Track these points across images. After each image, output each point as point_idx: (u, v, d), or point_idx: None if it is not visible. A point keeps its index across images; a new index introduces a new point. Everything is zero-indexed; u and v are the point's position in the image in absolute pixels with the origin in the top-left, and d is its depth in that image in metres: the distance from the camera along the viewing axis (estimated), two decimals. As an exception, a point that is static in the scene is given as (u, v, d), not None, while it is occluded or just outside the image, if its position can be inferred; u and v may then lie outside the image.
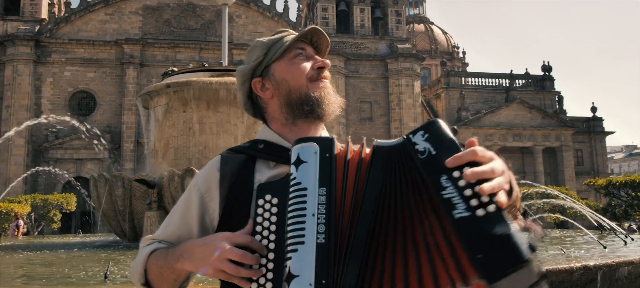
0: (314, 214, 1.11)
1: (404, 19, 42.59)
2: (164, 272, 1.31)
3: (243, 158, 1.37)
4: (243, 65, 1.52)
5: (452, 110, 42.02)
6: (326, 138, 1.21)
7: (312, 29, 1.48)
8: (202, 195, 1.39)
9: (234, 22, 37.63)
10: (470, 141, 1.09)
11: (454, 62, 57.40)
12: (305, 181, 1.15)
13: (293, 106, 1.43)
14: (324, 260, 1.08)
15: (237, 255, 1.16)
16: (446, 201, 1.02)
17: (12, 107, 32.93)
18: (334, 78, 37.95)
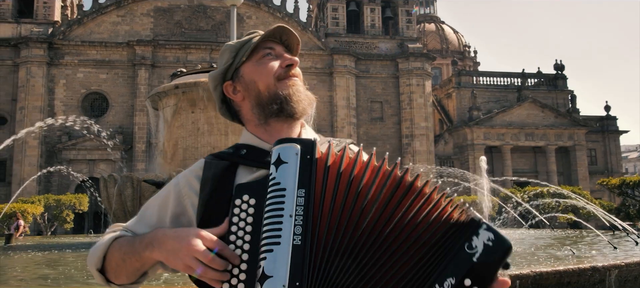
0: (292, 215, 1.10)
1: (414, 19, 42.43)
2: (127, 259, 1.28)
3: (225, 165, 1.36)
4: (214, 70, 1.52)
5: (463, 109, 41.81)
6: (308, 140, 1.21)
7: (280, 27, 1.48)
8: (181, 196, 1.38)
9: (245, 23, 37.71)
10: (504, 282, 1.09)
11: (465, 62, 57.09)
12: (285, 182, 1.14)
13: (263, 106, 1.43)
14: (299, 262, 1.07)
15: (206, 258, 1.15)
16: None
17: (25, 109, 33.27)
18: (345, 78, 37.99)
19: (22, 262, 6.69)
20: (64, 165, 31.46)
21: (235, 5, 10.47)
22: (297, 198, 1.12)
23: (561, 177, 41.19)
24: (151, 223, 1.36)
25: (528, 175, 38.92)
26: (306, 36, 38.72)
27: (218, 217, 1.26)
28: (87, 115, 34.13)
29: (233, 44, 1.48)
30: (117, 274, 1.30)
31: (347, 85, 38.27)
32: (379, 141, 38.61)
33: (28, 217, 20.78)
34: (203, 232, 1.19)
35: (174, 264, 1.20)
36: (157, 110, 10.24)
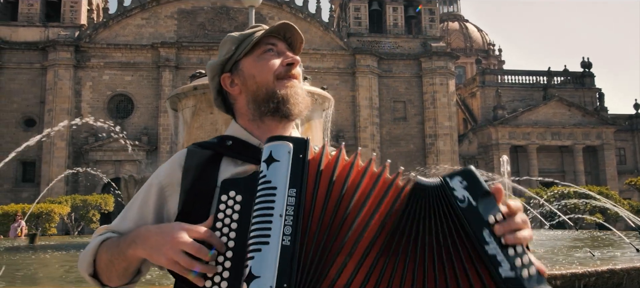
0: (282, 215, 1.08)
1: (437, 17, 42.07)
2: (114, 260, 1.25)
3: (209, 155, 1.34)
4: (213, 60, 1.50)
5: (487, 108, 41.32)
6: (301, 138, 1.18)
7: (284, 24, 1.45)
8: (162, 188, 1.35)
9: (267, 23, 36.60)
10: (498, 189, 1.10)
11: (489, 60, 56.41)
12: (276, 180, 1.12)
13: (259, 103, 1.41)
14: (287, 263, 1.05)
15: (193, 248, 1.12)
16: (491, 257, 1.05)
17: (53, 111, 33.93)
18: (367, 78, 37.86)
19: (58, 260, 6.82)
20: (91, 166, 32.04)
21: (254, 6, 10.53)
22: (288, 198, 1.10)
23: (589, 176, 40.42)
24: (134, 220, 1.34)
25: (555, 175, 38.29)
26: (328, 36, 38.71)
27: (200, 207, 1.24)
28: (113, 116, 34.72)
29: (235, 36, 1.47)
30: (109, 277, 1.28)
31: (370, 85, 38.13)
32: (402, 141, 38.40)
33: (55, 217, 21.16)
34: (187, 224, 1.17)
35: (157, 260, 1.16)
36: (176, 112, 10.34)
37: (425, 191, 1.13)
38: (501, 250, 1.05)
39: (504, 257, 1.04)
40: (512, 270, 1.03)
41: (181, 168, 1.33)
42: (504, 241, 1.05)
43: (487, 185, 1.11)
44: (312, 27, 38.61)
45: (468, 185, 1.10)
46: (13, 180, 33.95)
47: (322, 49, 38.33)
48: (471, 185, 1.10)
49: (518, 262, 1.04)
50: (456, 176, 1.11)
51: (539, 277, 1.04)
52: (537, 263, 1.06)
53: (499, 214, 1.08)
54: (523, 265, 1.04)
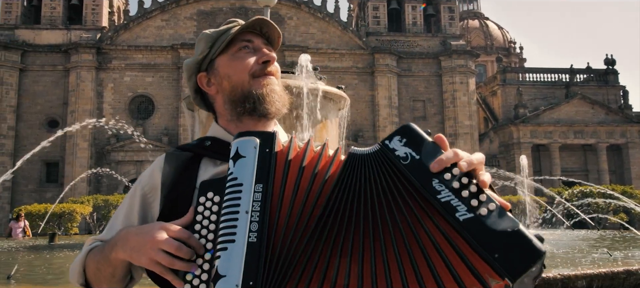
0: (248, 211, 1.06)
1: (457, 15, 41.72)
2: (100, 266, 1.24)
3: (188, 156, 1.32)
4: (189, 59, 1.47)
5: (508, 107, 40.85)
6: (268, 132, 1.16)
7: (259, 19, 1.42)
8: (145, 194, 1.34)
9: (286, 24, 37.95)
10: (440, 138, 1.06)
11: (510, 58, 55.76)
12: (242, 176, 1.10)
13: (236, 103, 1.38)
14: (254, 261, 1.02)
15: (172, 246, 1.10)
16: (445, 205, 0.99)
17: (76, 112, 34.43)
18: (386, 77, 37.72)
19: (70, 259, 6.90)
20: (113, 166, 32.47)
21: (269, 6, 10.53)
22: (255, 194, 1.07)
23: (613, 175, 39.68)
24: (119, 228, 1.32)
25: (578, 174, 37.65)
26: (347, 36, 38.64)
27: (180, 210, 1.22)
28: (134, 117, 35.17)
29: (209, 33, 1.43)
30: (99, 285, 1.27)
31: (389, 84, 37.98)
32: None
33: (77, 217, 21.45)
34: (166, 224, 1.15)
35: (138, 260, 1.15)
36: (193, 112, 10.41)
37: (365, 159, 1.09)
38: (455, 195, 1.00)
39: (459, 200, 0.99)
40: (470, 211, 0.98)
41: (161, 172, 1.31)
42: (456, 185, 1.00)
43: (428, 136, 1.08)
44: (330, 27, 38.59)
45: (408, 141, 1.06)
46: (37, 181, 34.55)
47: (340, 48, 38.28)
48: (410, 140, 1.06)
49: (474, 202, 0.98)
50: (395, 136, 1.08)
51: (501, 210, 0.98)
52: (498, 199, 1.00)
53: (442, 160, 1.03)
54: (480, 203, 0.98)
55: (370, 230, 1.04)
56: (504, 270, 0.93)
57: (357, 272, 1.01)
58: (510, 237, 0.95)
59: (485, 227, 0.96)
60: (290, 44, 36.70)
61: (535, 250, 0.94)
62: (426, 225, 1.01)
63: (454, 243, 0.98)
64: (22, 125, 34.77)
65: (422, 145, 1.06)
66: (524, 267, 0.93)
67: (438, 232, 1.00)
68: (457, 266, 0.97)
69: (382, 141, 1.08)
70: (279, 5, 37.32)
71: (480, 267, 0.95)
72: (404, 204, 1.03)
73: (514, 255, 0.94)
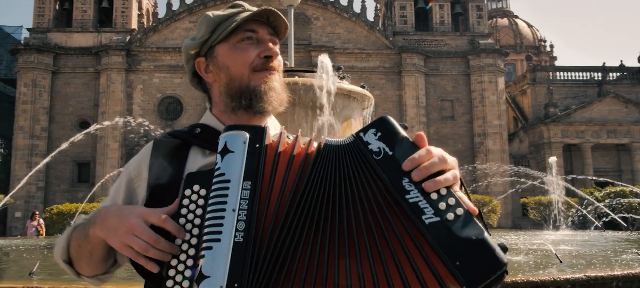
0: (235, 210, 1.02)
1: (485, 14, 41.17)
2: (81, 243, 1.21)
3: (177, 143, 1.28)
4: (188, 41, 1.41)
5: (539, 106, 40.11)
6: (258, 127, 1.11)
7: (266, 10, 1.34)
8: (131, 179, 1.31)
9: (312, 24, 38.00)
10: (419, 136, 1.03)
11: (540, 56, 54.75)
12: (229, 173, 1.05)
13: (232, 96, 1.33)
14: (240, 261, 0.98)
15: (148, 236, 1.07)
16: (413, 205, 0.97)
17: (107, 113, 35.07)
18: (414, 77, 37.44)
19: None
20: (142, 166, 32.95)
21: (292, 6, 10.51)
22: (242, 191, 1.03)
23: (648, 176, 38.61)
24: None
25: (610, 174, 36.73)
26: (374, 35, 38.50)
27: (166, 198, 1.18)
28: (163, 118, 35.66)
29: (212, 17, 1.36)
30: (79, 263, 1.24)
31: (416, 83, 37.69)
32: (450, 140, 37.76)
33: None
34: (147, 210, 1.12)
35: (111, 241, 1.12)
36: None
37: (338, 151, 1.06)
38: (423, 197, 0.98)
39: (427, 202, 0.97)
40: (437, 215, 0.96)
41: (148, 159, 1.28)
42: (425, 187, 0.98)
43: (404, 131, 1.05)
44: (357, 27, 38.50)
45: (382, 135, 1.04)
46: (69, 181, 35.31)
47: (367, 48, 38.16)
48: (385, 134, 1.04)
49: (442, 205, 0.96)
50: (370, 128, 1.05)
51: (467, 216, 0.96)
52: (468, 204, 0.98)
53: (414, 159, 1.00)
54: (448, 207, 0.96)
55: (345, 230, 1.01)
56: (464, 278, 0.92)
57: (333, 275, 0.99)
58: (473, 246, 0.93)
59: (449, 232, 0.95)
60: (317, 44, 36.73)
61: (497, 261, 0.92)
62: (396, 225, 0.99)
63: (420, 246, 0.96)
64: (55, 127, 35.56)
65: (396, 141, 1.03)
66: (484, 276, 0.92)
67: (406, 233, 0.97)
68: (423, 269, 0.95)
69: (357, 133, 1.06)
70: (305, 6, 37.38)
71: (443, 272, 0.94)
72: (375, 203, 1.01)
73: (474, 264, 0.92)
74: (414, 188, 0.99)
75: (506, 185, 31.92)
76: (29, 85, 35.26)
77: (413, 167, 0.99)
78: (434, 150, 1.03)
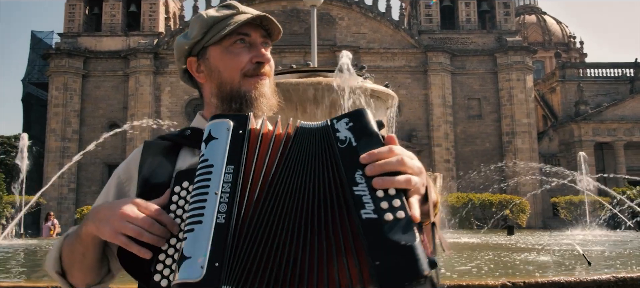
0: (217, 193, 1.03)
1: (512, 11, 40.55)
2: (73, 247, 1.20)
3: (167, 145, 1.29)
4: (181, 39, 1.42)
5: (569, 104, 39.34)
6: (241, 115, 1.13)
7: (259, 17, 1.36)
8: (121, 182, 1.32)
9: (337, 24, 37.98)
10: (390, 136, 1.03)
11: (570, 53, 53.67)
12: (213, 158, 1.07)
13: (223, 100, 1.34)
14: (221, 242, 0.99)
15: (142, 221, 1.08)
16: (357, 198, 0.98)
17: (135, 116, 35.65)
18: (440, 75, 37.11)
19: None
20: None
21: (315, 6, 10.52)
22: (225, 175, 1.04)
23: (684, 174, 37.54)
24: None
25: (644, 173, 35.80)
26: (399, 35, 38.29)
27: (157, 196, 1.18)
28: (190, 119, 35.94)
29: (205, 19, 1.37)
30: (72, 271, 1.22)
31: (443, 82, 37.34)
32: (478, 139, 37.32)
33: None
34: (140, 200, 1.13)
35: (103, 232, 1.11)
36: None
37: (311, 133, 1.08)
38: (370, 193, 0.97)
39: (371, 199, 0.97)
40: (376, 212, 0.95)
41: (138, 161, 1.28)
42: (373, 183, 0.97)
43: (376, 127, 1.04)
44: (382, 26, 38.34)
45: (353, 126, 1.04)
46: (100, 182, 35.96)
47: (392, 47, 37.98)
48: (357, 125, 1.04)
49: (384, 205, 0.96)
50: (344, 117, 1.06)
51: (408, 223, 0.94)
52: (412, 211, 0.96)
53: (372, 154, 1.00)
54: (390, 208, 0.96)
55: (302, 217, 1.02)
56: (376, 279, 0.92)
57: (289, 262, 1.00)
58: (399, 250, 0.92)
59: (381, 231, 0.94)
60: (342, 44, 36.67)
61: (416, 271, 0.91)
62: (339, 216, 0.99)
63: (352, 240, 0.97)
64: (85, 129, 36.28)
65: (364, 134, 1.04)
66: (397, 282, 0.91)
67: (345, 225, 0.98)
68: (350, 263, 0.96)
69: (332, 119, 1.07)
70: (330, 6, 37.39)
71: (365, 270, 0.94)
72: (329, 190, 1.02)
73: (392, 268, 0.92)
74: (363, 182, 0.98)
75: (535, 185, 31.40)
76: (61, 89, 36.08)
77: (369, 161, 0.99)
78: (397, 149, 1.01)
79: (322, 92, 9.20)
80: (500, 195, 26.15)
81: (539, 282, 3.64)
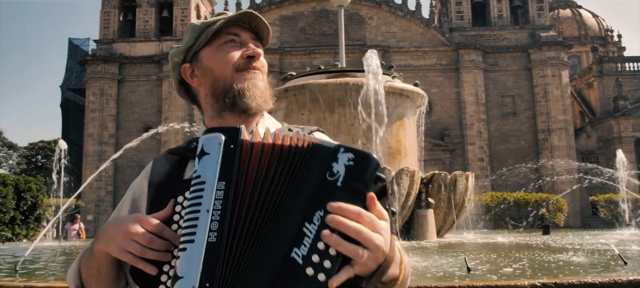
0: (209, 210, 1.03)
1: (546, 5, 39.70)
2: (88, 263, 1.23)
3: (175, 160, 1.29)
4: (174, 49, 1.45)
5: (607, 99, 38.30)
6: (233, 127, 1.12)
7: (247, 13, 1.38)
8: (135, 199, 1.34)
9: (366, 24, 37.85)
10: (370, 198, 1.00)
11: (607, 47, 52.20)
12: (205, 174, 1.07)
13: (216, 96, 1.35)
14: (212, 261, 0.99)
15: (143, 238, 1.09)
16: (301, 234, 0.98)
17: (169, 119, 36.27)
18: (472, 73, 36.62)
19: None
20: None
21: (343, 6, 10.52)
22: (217, 191, 1.04)
23: None
24: None
25: (689, 172, 34.57)
26: (429, 33, 37.94)
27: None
28: (222, 122, 36.47)
29: (197, 25, 1.40)
30: (89, 285, 1.25)
31: (475, 80, 36.83)
32: (512, 137, 36.68)
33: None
34: (142, 216, 1.14)
35: (111, 250, 1.14)
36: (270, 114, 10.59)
37: (314, 151, 1.05)
38: (314, 238, 0.97)
39: (310, 244, 0.97)
40: (303, 258, 0.96)
41: (147, 179, 1.30)
42: (322, 234, 0.96)
43: (379, 184, 1.01)
44: (412, 25, 38.06)
45: (352, 166, 1.00)
46: (136, 185, 36.76)
47: (423, 46, 37.66)
48: (355, 168, 1.00)
49: (315, 258, 0.96)
50: (351, 152, 1.02)
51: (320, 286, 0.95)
52: (334, 280, 0.96)
53: (341, 208, 0.98)
54: (317, 265, 0.95)
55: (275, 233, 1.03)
56: None
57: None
58: None
59: (294, 277, 0.96)
60: (372, 44, 36.52)
61: None
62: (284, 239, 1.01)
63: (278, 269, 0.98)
64: (121, 133, 37.08)
65: (354, 179, 1.00)
66: None
67: (282, 256, 0.99)
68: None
69: (340, 145, 1.04)
70: (359, 6, 37.32)
71: None
72: (294, 214, 1.01)
73: None
74: (317, 224, 0.98)
75: (573, 183, 30.69)
76: (97, 94, 37.00)
77: (333, 211, 0.97)
78: (366, 217, 0.99)
79: (350, 92, 9.19)
80: (536, 194, 25.63)
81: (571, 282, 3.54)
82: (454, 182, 9.63)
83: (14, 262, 6.29)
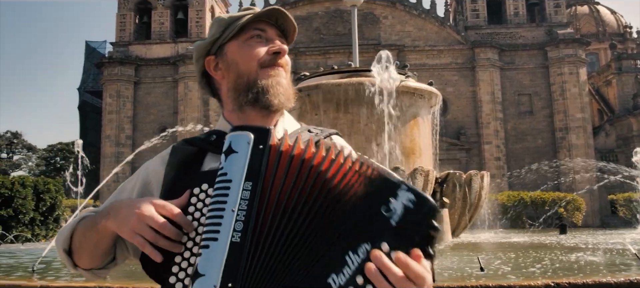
0: (234, 210, 1.02)
1: (563, 2, 39.22)
2: (87, 233, 1.22)
3: (193, 151, 1.28)
4: (200, 41, 1.45)
5: (626, 96, 37.80)
6: (263, 128, 1.10)
7: (275, 9, 1.37)
8: (145, 183, 1.33)
9: (381, 23, 37.74)
10: (416, 254, 0.94)
11: (626, 44, 51.39)
12: (232, 173, 1.05)
13: (239, 91, 1.35)
14: (235, 261, 0.99)
15: (157, 223, 1.08)
16: (342, 262, 0.95)
17: (185, 120, 36.51)
18: (488, 71, 36.33)
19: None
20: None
21: (356, 5, 10.50)
22: (243, 191, 1.03)
23: None
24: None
25: None
26: (444, 32, 37.72)
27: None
28: (238, 123, 36.64)
29: (223, 18, 1.41)
30: (80, 254, 1.25)
31: (491, 78, 36.53)
32: (529, 136, 36.32)
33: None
34: (158, 200, 1.13)
35: (123, 232, 1.13)
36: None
37: (370, 182, 1.00)
38: (355, 271, 0.94)
39: (350, 276, 0.94)
40: (347, 285, 0.93)
41: (164, 165, 1.29)
42: (366, 268, 0.93)
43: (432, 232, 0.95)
44: (427, 24, 37.87)
45: (412, 209, 0.95)
46: (153, 186, 37.07)
47: (438, 45, 37.46)
48: (415, 211, 0.95)
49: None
50: (413, 193, 0.96)
51: None
52: None
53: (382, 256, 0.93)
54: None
55: (310, 243, 1.01)
56: None
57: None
58: None
59: None
60: (386, 43, 36.42)
61: None
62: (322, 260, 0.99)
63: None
64: (138, 134, 37.41)
65: (412, 224, 0.95)
66: None
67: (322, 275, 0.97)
68: None
69: (403, 182, 0.98)
70: (373, 5, 37.23)
71: None
72: (335, 235, 0.99)
73: None
74: (361, 258, 0.94)
75: (592, 182, 30.30)
76: (114, 96, 37.37)
77: (380, 256, 0.93)
78: (414, 269, 0.93)
79: (364, 92, 9.17)
80: (553, 193, 25.37)
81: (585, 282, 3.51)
82: (469, 181, 9.57)
83: (31, 262, 6.39)
